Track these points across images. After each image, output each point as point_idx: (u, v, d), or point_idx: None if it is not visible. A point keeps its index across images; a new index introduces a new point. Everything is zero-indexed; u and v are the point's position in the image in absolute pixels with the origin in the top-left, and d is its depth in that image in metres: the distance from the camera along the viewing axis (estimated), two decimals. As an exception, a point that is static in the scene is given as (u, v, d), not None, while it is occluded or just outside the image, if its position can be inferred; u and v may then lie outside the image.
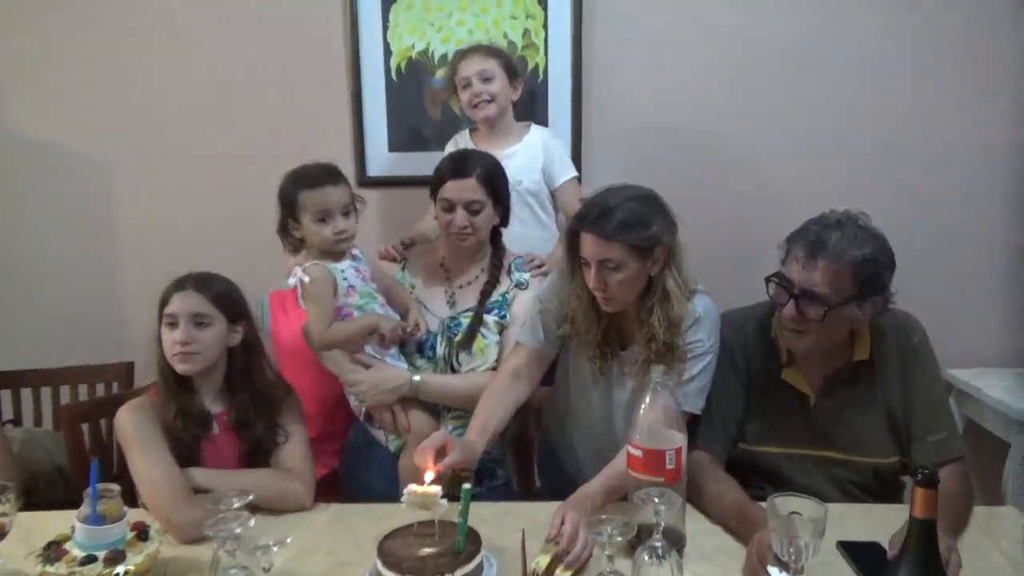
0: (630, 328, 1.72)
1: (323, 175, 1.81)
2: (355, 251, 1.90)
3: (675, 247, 1.65)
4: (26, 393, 2.40)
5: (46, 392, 2.42)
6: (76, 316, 2.82)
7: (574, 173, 2.35)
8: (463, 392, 1.85)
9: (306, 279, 1.79)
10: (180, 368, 1.66)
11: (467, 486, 1.39)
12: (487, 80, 2.24)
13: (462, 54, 2.32)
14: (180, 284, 1.70)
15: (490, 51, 2.30)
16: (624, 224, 1.58)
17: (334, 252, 1.83)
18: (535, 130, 2.36)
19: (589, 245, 1.62)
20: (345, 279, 1.82)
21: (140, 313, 2.67)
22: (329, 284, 1.80)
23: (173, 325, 1.66)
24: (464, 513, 1.36)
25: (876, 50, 2.62)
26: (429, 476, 1.44)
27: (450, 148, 2.36)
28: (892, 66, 2.62)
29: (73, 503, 1.78)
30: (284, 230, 1.87)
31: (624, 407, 1.74)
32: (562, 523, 1.43)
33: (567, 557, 1.39)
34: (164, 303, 1.69)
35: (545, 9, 2.58)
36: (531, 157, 2.29)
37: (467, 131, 2.40)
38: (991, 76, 2.61)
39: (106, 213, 2.80)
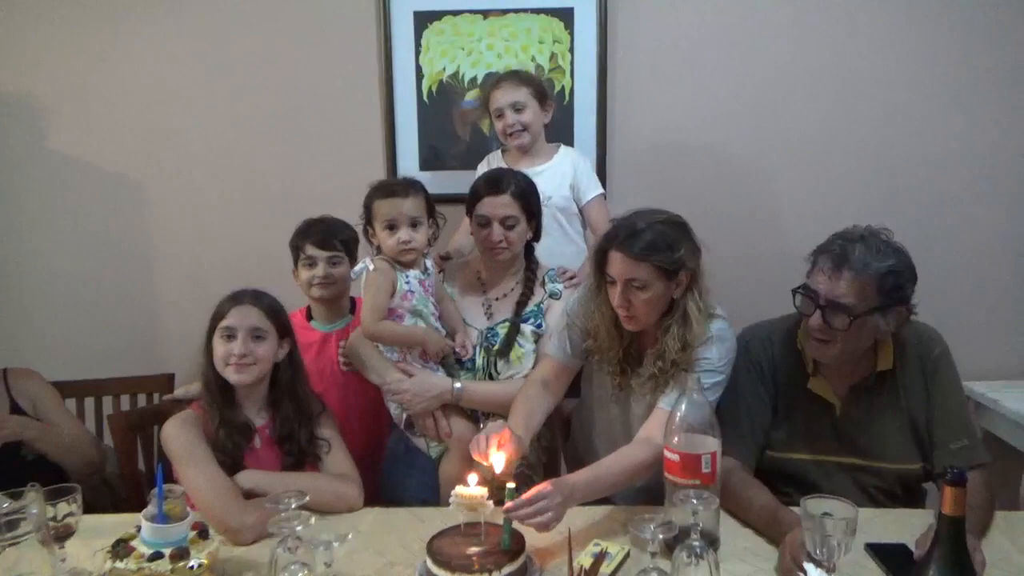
0: (648, 346, 1.78)
1: (397, 187, 1.89)
2: (428, 266, 1.97)
3: (699, 272, 1.71)
4: (70, 403, 2.47)
5: (89, 402, 2.50)
6: (117, 329, 2.89)
7: (601, 190, 2.42)
8: (503, 398, 1.91)
9: (371, 267, 1.87)
10: (235, 379, 1.72)
11: (511, 485, 1.46)
12: (519, 110, 2.32)
13: (495, 82, 2.39)
14: (237, 298, 1.76)
15: (522, 79, 2.37)
16: (652, 246, 1.65)
17: (402, 261, 1.90)
18: (564, 150, 2.44)
19: (617, 264, 1.69)
20: (407, 284, 1.89)
21: (178, 327, 2.81)
22: (388, 280, 1.87)
23: (231, 337, 1.72)
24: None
25: (902, 68, 2.68)
26: (473, 479, 1.51)
27: (482, 168, 2.44)
28: (918, 84, 2.68)
29: (117, 508, 1.87)
30: (366, 235, 1.95)
31: (641, 421, 1.78)
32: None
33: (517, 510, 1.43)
34: (220, 316, 1.75)
35: (572, 34, 2.67)
36: (560, 175, 2.37)
37: (499, 151, 2.48)
38: (1017, 87, 2.67)
39: (145, 230, 2.88)
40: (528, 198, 1.97)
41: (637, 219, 1.70)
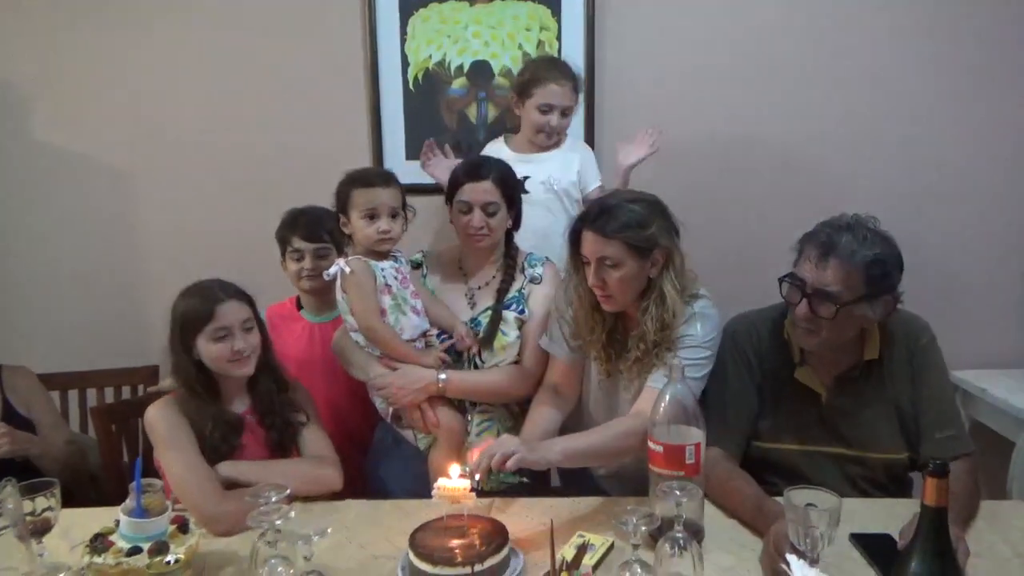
0: (631, 329, 1.77)
1: (376, 176, 1.89)
2: (398, 255, 1.96)
3: (674, 251, 1.72)
4: (54, 396, 2.44)
5: (73, 395, 2.48)
6: (100, 321, 2.86)
7: (601, 182, 2.42)
8: (488, 386, 1.92)
9: (347, 270, 1.85)
10: (239, 373, 1.73)
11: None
12: (565, 115, 2.33)
13: (555, 76, 2.31)
14: (215, 297, 1.72)
15: (576, 84, 2.34)
16: (623, 224, 1.66)
17: (377, 252, 1.89)
18: (570, 139, 2.43)
19: (589, 242, 1.70)
20: (383, 278, 1.88)
21: (163, 318, 2.76)
22: (370, 277, 1.86)
23: (225, 337, 1.70)
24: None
25: (890, 53, 2.66)
26: (456, 471, 1.50)
27: (489, 153, 2.42)
28: (906, 70, 2.67)
29: (100, 502, 1.85)
30: (337, 223, 1.93)
31: (628, 407, 1.78)
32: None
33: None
34: (203, 319, 1.70)
35: (559, 22, 2.64)
36: (567, 161, 2.37)
37: (501, 139, 2.47)
38: (1006, 77, 2.66)
39: (128, 220, 2.85)
40: (509, 184, 1.96)
41: (610, 199, 1.73)
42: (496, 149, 2.43)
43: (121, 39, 2.73)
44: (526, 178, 2.34)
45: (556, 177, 2.32)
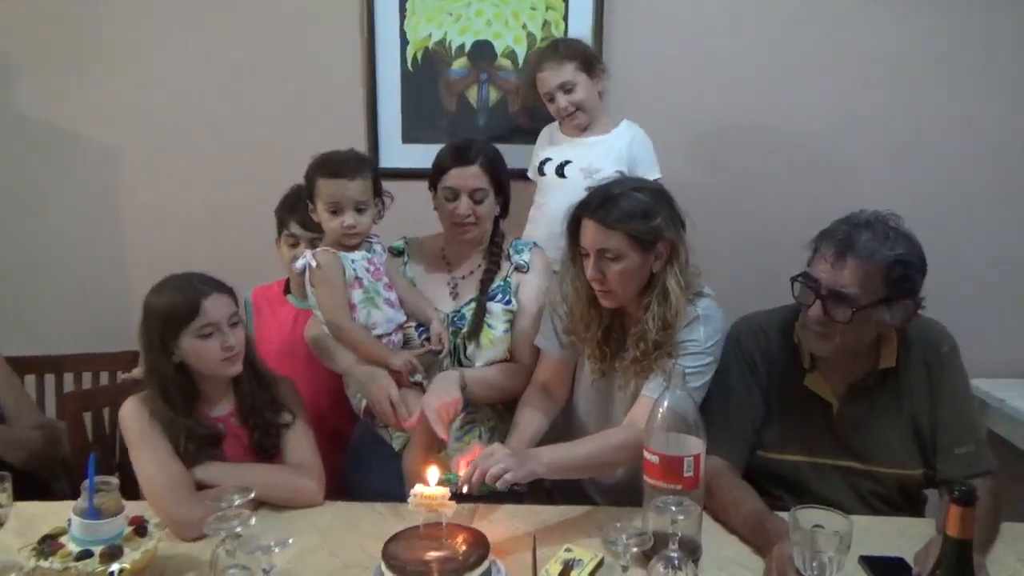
0: (631, 327, 1.67)
1: (344, 166, 1.74)
2: (374, 242, 1.85)
3: (679, 245, 1.61)
4: (30, 380, 2.36)
5: (50, 379, 2.40)
6: (83, 304, 2.78)
7: (659, 175, 2.25)
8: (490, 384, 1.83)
9: (314, 264, 1.75)
10: (231, 371, 1.64)
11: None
12: (569, 91, 2.22)
13: (539, 61, 2.27)
14: (199, 291, 1.60)
15: (563, 54, 2.23)
16: (627, 213, 1.57)
17: (345, 245, 1.79)
18: (625, 125, 2.31)
19: (589, 232, 1.60)
20: (354, 270, 1.77)
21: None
22: (339, 271, 1.76)
23: (212, 334, 1.59)
24: None
25: (914, 51, 2.56)
26: (434, 478, 1.40)
27: (542, 140, 2.38)
28: (932, 68, 2.57)
29: (75, 491, 1.76)
30: (305, 209, 1.83)
31: (624, 410, 1.69)
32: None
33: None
34: (189, 315, 1.58)
35: (566, 1, 2.53)
36: (615, 149, 2.25)
37: (556, 123, 2.37)
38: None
39: (115, 201, 2.75)
40: (497, 169, 1.85)
41: (613, 186, 1.62)
42: (551, 129, 2.38)
43: (111, 14, 2.63)
44: (567, 162, 2.26)
45: (597, 167, 2.19)
